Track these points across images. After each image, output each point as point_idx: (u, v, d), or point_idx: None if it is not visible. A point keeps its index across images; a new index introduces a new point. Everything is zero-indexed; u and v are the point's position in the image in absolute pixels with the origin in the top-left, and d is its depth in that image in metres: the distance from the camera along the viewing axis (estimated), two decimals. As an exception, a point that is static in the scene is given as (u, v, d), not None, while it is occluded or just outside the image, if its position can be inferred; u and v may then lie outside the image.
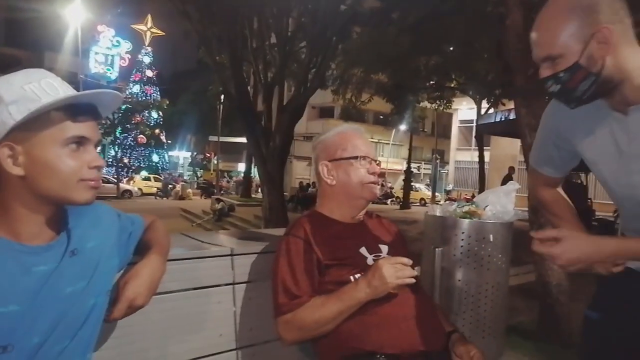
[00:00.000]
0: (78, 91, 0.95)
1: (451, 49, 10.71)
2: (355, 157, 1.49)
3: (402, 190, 23.90)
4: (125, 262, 1.18)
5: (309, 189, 19.42)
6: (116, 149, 32.14)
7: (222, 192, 27.57)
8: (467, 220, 2.08)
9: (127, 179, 31.12)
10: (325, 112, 34.33)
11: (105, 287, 1.05)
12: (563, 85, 1.08)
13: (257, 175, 19.69)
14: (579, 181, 10.54)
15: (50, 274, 0.93)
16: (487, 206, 2.11)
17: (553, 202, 1.45)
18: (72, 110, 0.93)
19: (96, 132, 0.98)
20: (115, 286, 1.07)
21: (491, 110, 16.28)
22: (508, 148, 21.63)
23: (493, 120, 14.90)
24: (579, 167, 1.35)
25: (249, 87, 12.37)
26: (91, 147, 0.96)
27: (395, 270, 1.28)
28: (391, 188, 28.83)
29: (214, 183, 30.41)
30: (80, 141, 0.94)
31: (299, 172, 27.15)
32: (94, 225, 1.06)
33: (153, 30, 36.75)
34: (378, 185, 1.53)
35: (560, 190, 1.46)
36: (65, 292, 0.95)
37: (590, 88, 1.07)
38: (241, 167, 33.65)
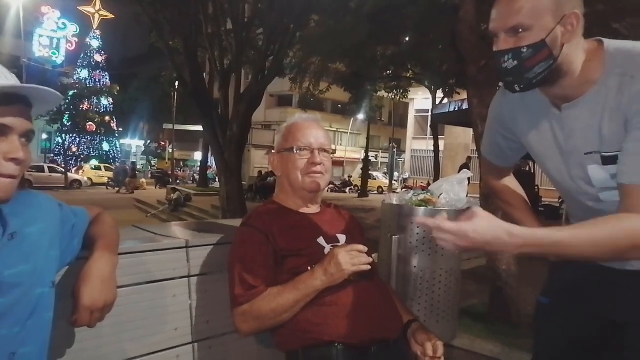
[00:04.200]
0: (21, 77, 0.90)
1: (407, 39, 10.84)
2: (291, 149, 1.48)
3: (360, 179, 24.20)
4: (70, 256, 1.13)
5: (268, 178, 19.27)
6: (64, 137, 30.63)
7: (177, 181, 26.90)
8: (422, 208, 2.13)
9: (75, 168, 29.74)
10: (284, 101, 34.11)
11: (49, 278, 1.02)
12: (521, 63, 1.04)
13: (214, 164, 19.33)
14: (527, 169, 11.02)
15: None
16: (441, 194, 2.16)
17: (504, 191, 1.49)
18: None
19: (22, 122, 0.90)
20: (72, 295, 1.04)
21: (445, 100, 16.69)
22: (461, 137, 22.30)
23: (447, 110, 15.29)
24: (527, 155, 1.39)
25: (204, 74, 12.06)
26: (13, 137, 0.89)
27: (351, 257, 1.29)
28: (350, 177, 29.13)
29: (169, 172, 29.62)
30: (1, 130, 0.87)
31: (258, 161, 26.88)
32: (33, 212, 1.02)
33: (102, 12, 34.93)
34: (320, 175, 1.47)
35: (511, 178, 1.50)
36: (4, 274, 0.91)
37: (544, 72, 1.04)
38: (197, 155, 32.91)
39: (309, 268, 1.35)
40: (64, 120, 29.52)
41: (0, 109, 0.87)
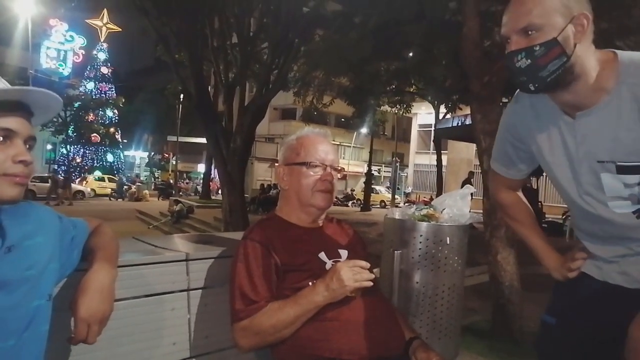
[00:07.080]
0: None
1: (411, 54, 10.91)
2: (305, 163, 1.46)
3: (362, 193, 24.19)
4: (69, 268, 1.13)
5: (271, 190, 19.27)
6: (68, 148, 30.80)
7: (180, 193, 26.92)
8: (425, 223, 2.11)
9: (79, 179, 29.82)
10: (287, 114, 34.28)
11: (47, 290, 1.01)
12: (534, 61, 1.06)
13: (216, 176, 19.38)
14: (529, 185, 10.99)
15: None
16: (444, 209, 2.15)
17: (512, 206, 1.46)
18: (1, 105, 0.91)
19: (25, 127, 0.95)
20: (70, 307, 1.03)
21: (449, 116, 16.75)
22: (464, 152, 22.32)
23: (450, 125, 15.34)
24: (533, 171, 1.38)
25: (209, 87, 12.16)
26: (19, 142, 0.93)
27: (353, 273, 1.28)
28: (352, 190, 29.12)
29: (172, 184, 29.68)
30: (6, 134, 0.92)
31: (260, 174, 26.92)
32: (33, 225, 1.02)
33: (109, 25, 35.33)
34: (329, 193, 1.48)
35: (519, 193, 1.47)
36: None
37: (557, 71, 1.06)
38: (201, 167, 33.04)
39: (310, 283, 1.33)
40: (68, 131, 29.76)
41: (3, 113, 0.91)
